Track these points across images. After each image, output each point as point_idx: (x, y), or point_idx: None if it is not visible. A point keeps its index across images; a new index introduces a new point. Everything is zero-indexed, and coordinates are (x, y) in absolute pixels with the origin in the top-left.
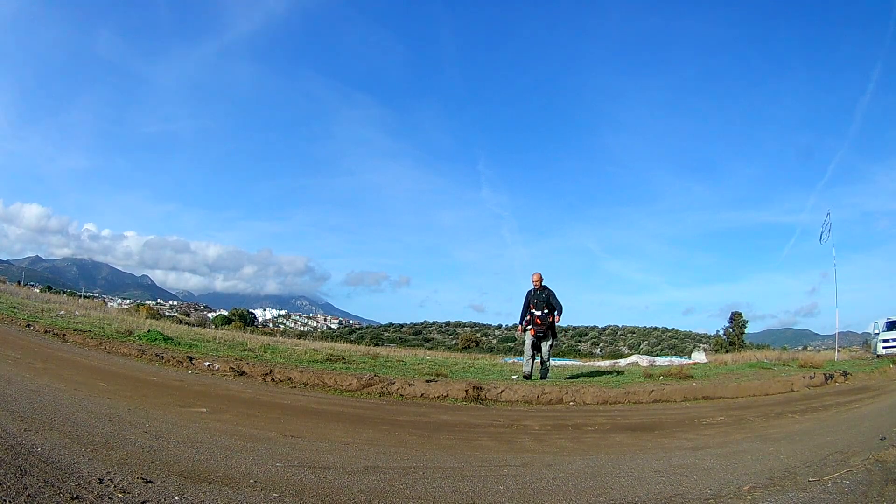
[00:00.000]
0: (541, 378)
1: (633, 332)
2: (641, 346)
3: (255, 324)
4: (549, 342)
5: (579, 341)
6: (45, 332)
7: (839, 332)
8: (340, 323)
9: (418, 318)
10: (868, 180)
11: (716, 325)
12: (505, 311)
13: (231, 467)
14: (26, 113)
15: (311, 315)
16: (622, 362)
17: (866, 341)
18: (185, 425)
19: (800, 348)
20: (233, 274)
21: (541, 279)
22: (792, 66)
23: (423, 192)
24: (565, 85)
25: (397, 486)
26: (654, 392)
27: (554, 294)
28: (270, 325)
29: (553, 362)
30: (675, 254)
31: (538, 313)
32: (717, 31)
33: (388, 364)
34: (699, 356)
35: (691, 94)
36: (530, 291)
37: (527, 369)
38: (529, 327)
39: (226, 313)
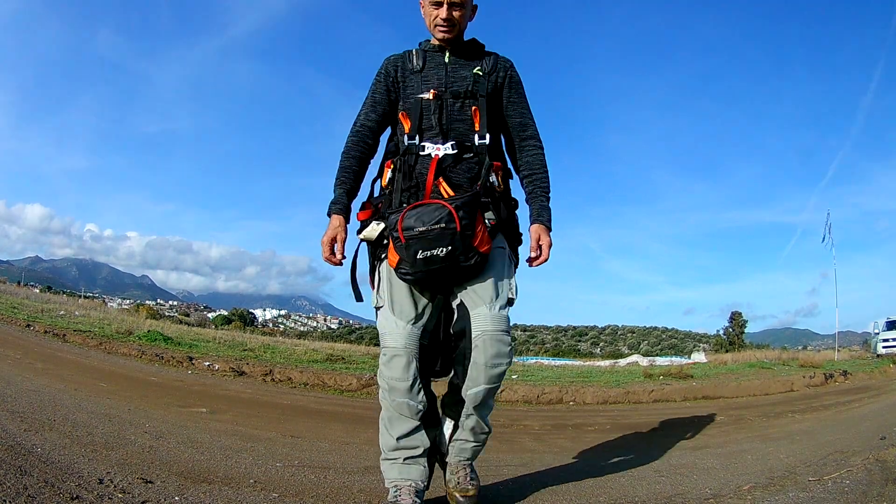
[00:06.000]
0: None
1: (633, 332)
2: (641, 346)
3: (255, 324)
4: (488, 317)
5: (579, 341)
6: (45, 332)
7: (839, 332)
8: (340, 323)
9: None
10: (869, 180)
11: (716, 325)
12: None
13: (231, 467)
14: (26, 113)
15: (311, 315)
16: (622, 362)
17: (866, 341)
18: (185, 425)
19: (800, 348)
20: (235, 274)
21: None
22: (793, 65)
23: None
24: (567, 85)
25: None
26: (654, 392)
27: (521, 95)
28: (270, 325)
29: (552, 362)
30: (676, 254)
31: (440, 151)
32: (717, 31)
33: None
34: (699, 356)
35: (692, 94)
36: (405, 58)
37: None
38: (386, 228)
39: (226, 313)
